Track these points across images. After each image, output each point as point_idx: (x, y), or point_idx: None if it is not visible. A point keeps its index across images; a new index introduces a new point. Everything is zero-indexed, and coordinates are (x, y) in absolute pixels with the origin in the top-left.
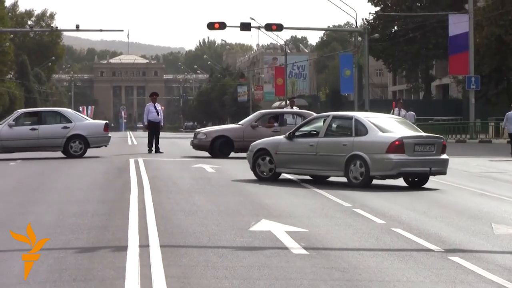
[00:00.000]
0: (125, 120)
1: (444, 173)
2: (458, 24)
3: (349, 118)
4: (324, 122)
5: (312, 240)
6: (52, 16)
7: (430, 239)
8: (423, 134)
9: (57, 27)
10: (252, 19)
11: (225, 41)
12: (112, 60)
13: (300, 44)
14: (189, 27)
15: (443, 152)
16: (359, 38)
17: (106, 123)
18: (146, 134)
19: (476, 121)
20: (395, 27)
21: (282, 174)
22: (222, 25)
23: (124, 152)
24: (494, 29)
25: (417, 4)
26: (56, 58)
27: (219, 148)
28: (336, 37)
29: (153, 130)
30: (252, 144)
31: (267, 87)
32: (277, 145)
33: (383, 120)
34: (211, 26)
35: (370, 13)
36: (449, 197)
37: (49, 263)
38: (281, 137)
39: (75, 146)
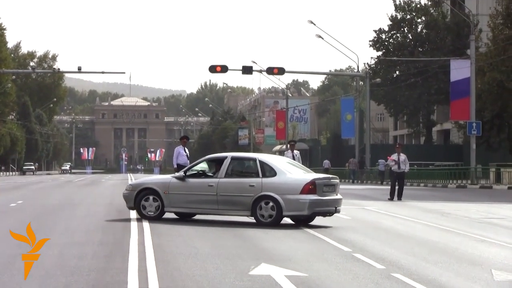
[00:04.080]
0: (125, 162)
1: (340, 211)
2: (460, 69)
3: (253, 160)
4: (217, 163)
5: (311, 284)
6: (54, 57)
7: (430, 285)
8: (329, 175)
9: (59, 69)
10: (254, 62)
11: (226, 84)
12: (114, 102)
13: (302, 88)
14: (191, 70)
15: (338, 191)
16: (361, 83)
17: None
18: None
19: (477, 166)
20: (397, 72)
21: (285, 219)
22: (224, 68)
23: None
24: (496, 74)
25: (419, 49)
26: (57, 99)
27: None
28: (337, 81)
29: None
30: (131, 184)
31: (268, 131)
32: (167, 184)
33: (282, 161)
34: (213, 69)
35: (371, 57)
36: (449, 242)
37: None
38: (169, 176)
39: None
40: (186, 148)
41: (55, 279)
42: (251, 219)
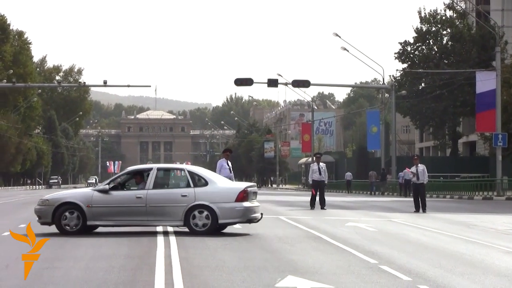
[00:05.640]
0: None
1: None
2: (486, 81)
3: (181, 170)
4: (141, 175)
5: None
6: (80, 71)
7: None
8: (253, 183)
9: (84, 83)
10: (279, 75)
11: (252, 97)
12: (139, 116)
13: (327, 101)
14: (216, 83)
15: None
16: (386, 95)
17: None
18: None
19: (503, 178)
20: (422, 84)
21: (310, 231)
22: (250, 81)
23: None
24: None
25: (445, 61)
26: (83, 113)
27: None
28: (363, 93)
29: None
30: (47, 197)
31: (294, 143)
32: (90, 198)
33: (208, 171)
34: (238, 82)
35: (397, 70)
36: (475, 254)
37: None
38: (89, 190)
39: None
40: (229, 162)
41: None
42: (183, 229)
